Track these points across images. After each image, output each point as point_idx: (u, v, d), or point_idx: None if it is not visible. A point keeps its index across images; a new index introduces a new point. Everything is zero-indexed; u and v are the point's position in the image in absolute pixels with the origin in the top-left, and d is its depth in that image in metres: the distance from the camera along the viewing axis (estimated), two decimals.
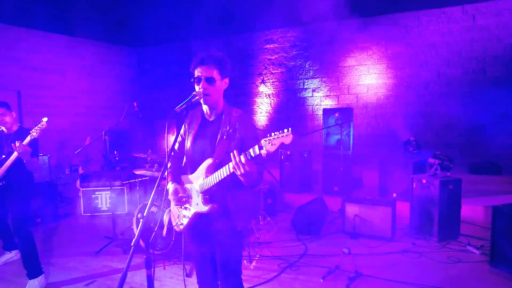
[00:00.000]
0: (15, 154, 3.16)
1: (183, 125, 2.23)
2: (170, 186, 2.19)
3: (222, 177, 1.92)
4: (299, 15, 7.33)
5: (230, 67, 2.09)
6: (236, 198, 2.07)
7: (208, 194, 2.05)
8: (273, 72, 8.21)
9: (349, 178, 5.76)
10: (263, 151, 1.73)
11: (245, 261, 3.72)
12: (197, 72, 2.01)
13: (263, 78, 8.33)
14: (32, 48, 7.28)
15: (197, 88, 2.01)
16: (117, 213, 4.98)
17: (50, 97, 7.57)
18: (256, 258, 3.89)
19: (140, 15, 8.26)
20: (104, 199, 5.52)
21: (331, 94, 7.64)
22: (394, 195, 5.30)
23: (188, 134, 2.18)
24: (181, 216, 2.20)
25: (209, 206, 2.02)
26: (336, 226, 4.94)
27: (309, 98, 7.88)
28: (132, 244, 1.62)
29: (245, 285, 3.33)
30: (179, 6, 7.97)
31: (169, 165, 2.27)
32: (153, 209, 3.88)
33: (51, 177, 5.62)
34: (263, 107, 8.35)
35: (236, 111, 2.12)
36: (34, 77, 7.32)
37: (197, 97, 1.95)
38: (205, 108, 2.13)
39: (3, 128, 3.37)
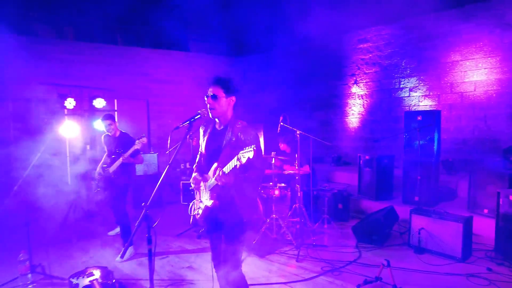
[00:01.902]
0: (121, 159, 4.22)
1: (200, 132, 2.73)
2: (192, 175, 2.73)
3: None
4: (394, 11, 6.90)
5: (234, 87, 2.55)
6: (242, 195, 2.44)
7: (215, 192, 2.48)
8: (367, 72, 7.90)
9: (434, 188, 5.18)
10: (238, 163, 2.11)
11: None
12: (208, 91, 2.50)
13: (356, 79, 8.09)
14: (157, 64, 8.96)
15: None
16: None
17: (169, 104, 9.15)
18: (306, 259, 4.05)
19: (243, 27, 9.11)
20: None
21: (431, 93, 6.90)
22: (486, 211, 4.55)
23: (202, 140, 2.67)
24: (197, 207, 2.68)
25: (212, 202, 2.47)
26: (406, 238, 4.58)
27: (405, 98, 7.29)
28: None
29: (281, 279, 3.60)
30: (277, 15, 8.48)
31: (197, 160, 2.83)
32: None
33: (159, 171, 6.91)
34: (355, 109, 8.12)
35: (241, 122, 2.51)
36: (158, 88, 8.99)
37: (199, 116, 2.43)
38: (216, 119, 2.56)
39: (109, 133, 4.48)
